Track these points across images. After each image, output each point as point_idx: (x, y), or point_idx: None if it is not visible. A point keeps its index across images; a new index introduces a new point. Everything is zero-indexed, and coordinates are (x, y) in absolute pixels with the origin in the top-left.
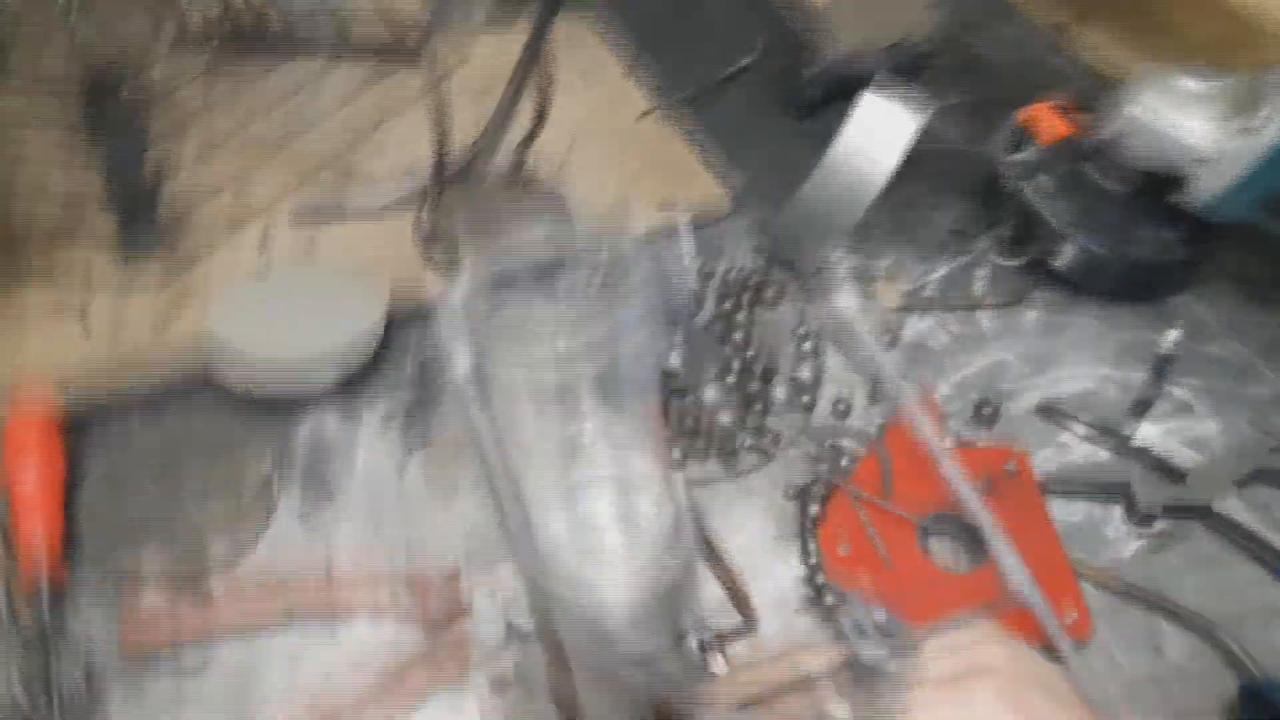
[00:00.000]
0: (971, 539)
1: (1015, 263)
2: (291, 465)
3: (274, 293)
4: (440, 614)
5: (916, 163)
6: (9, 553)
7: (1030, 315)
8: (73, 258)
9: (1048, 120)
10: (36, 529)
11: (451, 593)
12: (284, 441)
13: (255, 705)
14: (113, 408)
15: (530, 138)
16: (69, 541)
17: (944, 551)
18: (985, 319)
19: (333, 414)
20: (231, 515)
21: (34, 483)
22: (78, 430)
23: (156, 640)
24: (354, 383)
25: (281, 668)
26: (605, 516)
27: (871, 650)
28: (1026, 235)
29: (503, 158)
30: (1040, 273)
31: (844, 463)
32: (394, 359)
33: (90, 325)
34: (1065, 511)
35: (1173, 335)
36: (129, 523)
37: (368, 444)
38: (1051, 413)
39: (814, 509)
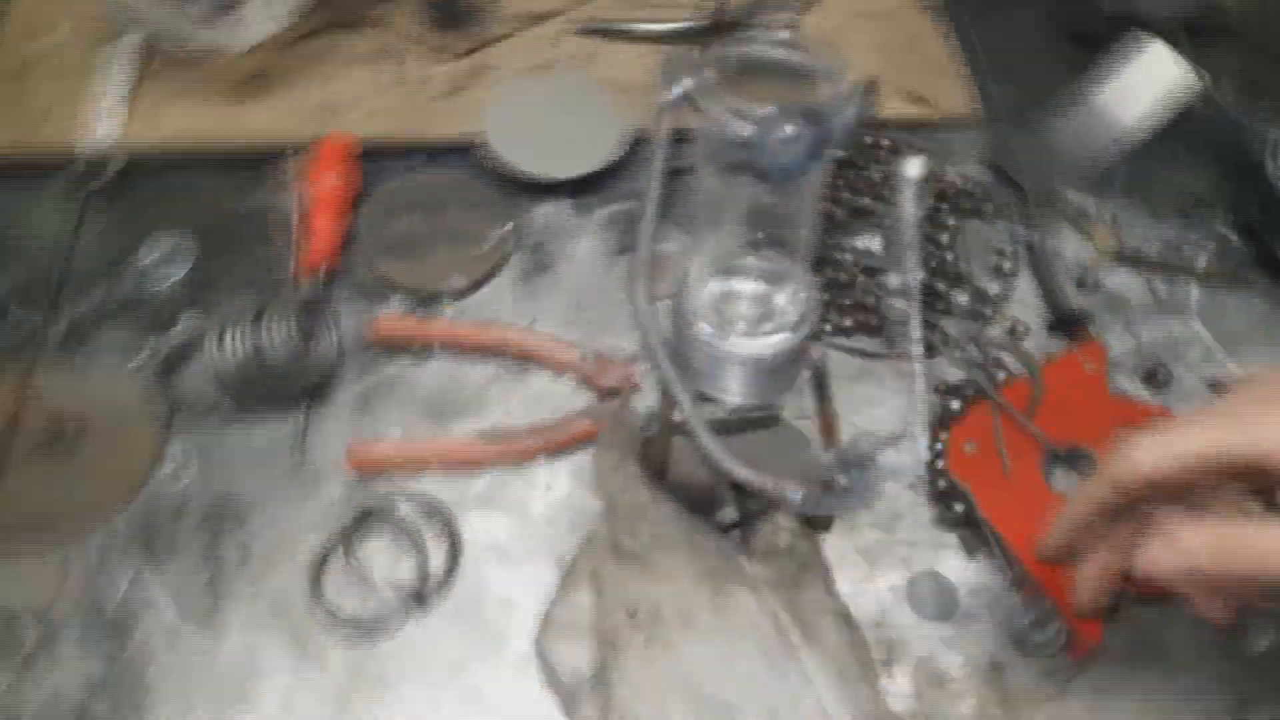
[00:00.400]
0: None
1: (1250, 247)
2: (526, 233)
3: (545, 90)
4: (611, 387)
5: (1180, 121)
6: (303, 235)
7: (1242, 298)
8: (395, 14)
9: None
10: (326, 223)
11: (626, 373)
12: (525, 213)
13: (447, 412)
14: (399, 150)
15: (804, 7)
16: (345, 243)
17: (1065, 480)
18: (1195, 290)
19: (569, 203)
20: (470, 257)
21: (331, 189)
22: (369, 160)
23: (394, 337)
24: (594, 183)
25: (476, 388)
26: (747, 296)
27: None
28: (1271, 223)
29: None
30: (1270, 263)
31: (1000, 376)
32: (631, 173)
33: (403, 75)
34: None
35: None
36: (392, 242)
37: (589, 236)
38: (1222, 389)
39: (955, 404)
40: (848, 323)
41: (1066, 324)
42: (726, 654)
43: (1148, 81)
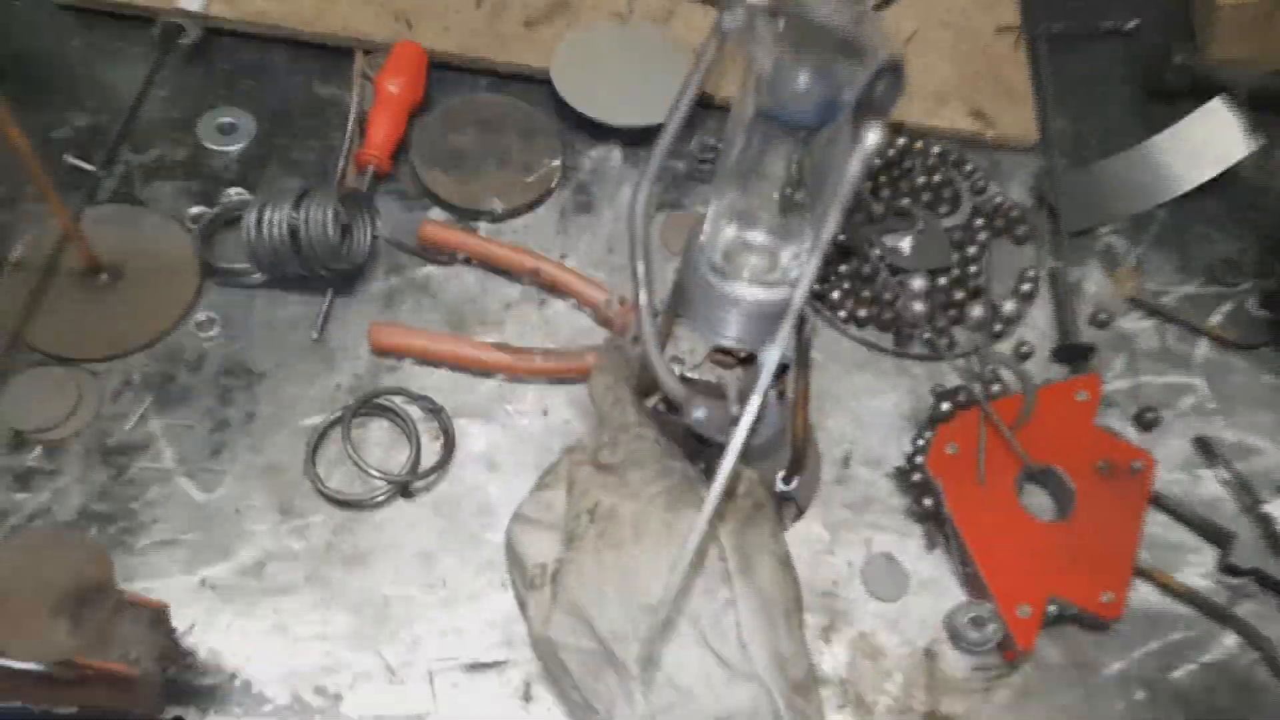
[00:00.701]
0: (1064, 500)
1: (1268, 316)
2: (574, 172)
3: (619, 38)
4: (629, 329)
5: (1228, 183)
6: (359, 133)
7: (1249, 365)
8: None
9: None
10: (384, 125)
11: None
12: (577, 152)
13: (467, 322)
14: (468, 69)
15: (887, 0)
16: (398, 148)
17: (1034, 497)
18: (1203, 347)
19: (621, 151)
20: (516, 184)
21: (397, 91)
22: (436, 73)
23: (437, 241)
24: (649, 136)
25: (497, 305)
26: (757, 247)
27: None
28: None
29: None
30: None
31: (995, 389)
32: (687, 134)
33: (480, 5)
34: (1164, 528)
35: None
36: (443, 155)
37: (633, 186)
38: (1207, 447)
39: (946, 406)
40: (863, 313)
41: (1071, 353)
42: (665, 563)
43: (1205, 137)
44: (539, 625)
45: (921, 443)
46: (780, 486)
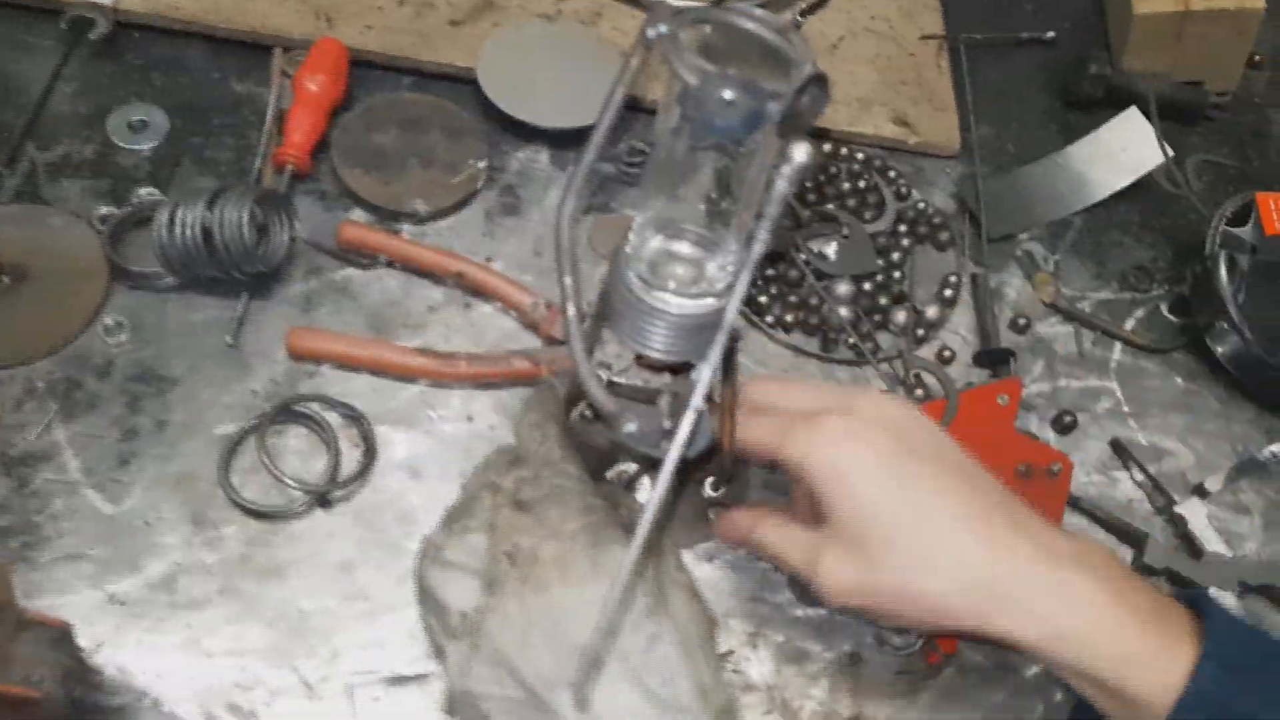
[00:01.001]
0: None
1: (1178, 321)
2: (500, 174)
3: (547, 38)
4: (557, 336)
5: (1142, 190)
6: (277, 131)
7: (1161, 369)
8: None
9: None
10: (303, 124)
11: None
12: (504, 153)
13: (388, 326)
14: (389, 68)
15: (813, 7)
16: (318, 148)
17: None
18: (1118, 352)
19: (548, 153)
20: (440, 184)
21: (317, 89)
22: (358, 71)
23: (355, 242)
24: (577, 139)
25: (420, 308)
26: (683, 257)
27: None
28: (1203, 305)
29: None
30: (1195, 343)
31: (918, 393)
32: (615, 137)
33: (403, 3)
34: (1082, 530)
35: (1276, 449)
36: (365, 155)
37: (560, 188)
38: (1122, 450)
39: None
40: (789, 318)
41: (992, 358)
42: (593, 602)
43: (1120, 146)
44: (457, 678)
45: None
46: (708, 493)
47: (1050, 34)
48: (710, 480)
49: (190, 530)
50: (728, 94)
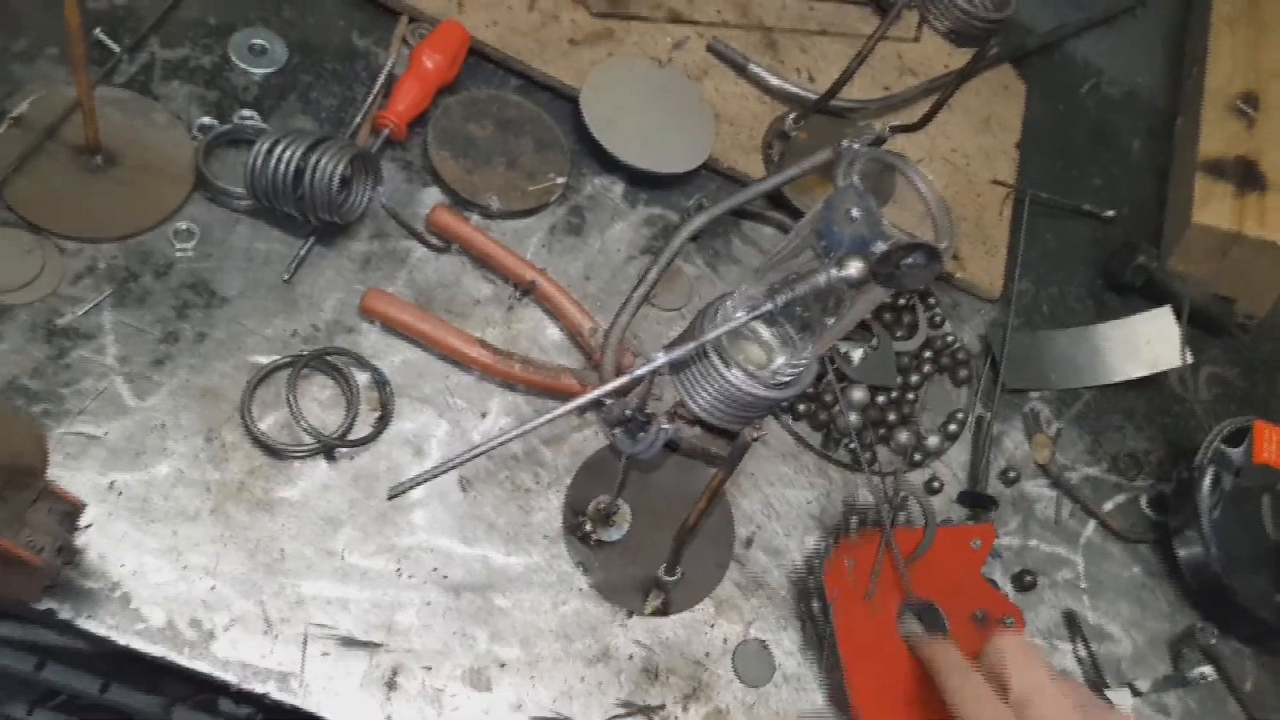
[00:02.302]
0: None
1: (1153, 517)
2: (574, 193)
3: (653, 80)
4: (607, 366)
5: (1153, 385)
6: (385, 93)
7: (1125, 556)
8: None
9: (1276, 445)
10: (411, 93)
11: (627, 357)
12: (583, 175)
13: (435, 305)
14: (502, 65)
15: (907, 127)
16: (416, 120)
17: (910, 627)
18: (1091, 529)
19: (623, 187)
20: (517, 188)
21: (432, 66)
22: (473, 59)
23: (444, 229)
24: (654, 182)
25: (467, 298)
26: (759, 341)
27: None
28: (1179, 509)
29: (869, 119)
30: (1164, 541)
31: (901, 516)
32: (687, 191)
33: (539, 4)
34: None
35: (1206, 670)
36: (456, 140)
37: (626, 224)
38: (1074, 622)
39: (855, 521)
40: (800, 408)
41: (975, 501)
42: None
43: (1145, 340)
44: None
45: (823, 548)
46: (662, 576)
47: (1110, 213)
48: (664, 566)
49: (201, 444)
50: (855, 211)
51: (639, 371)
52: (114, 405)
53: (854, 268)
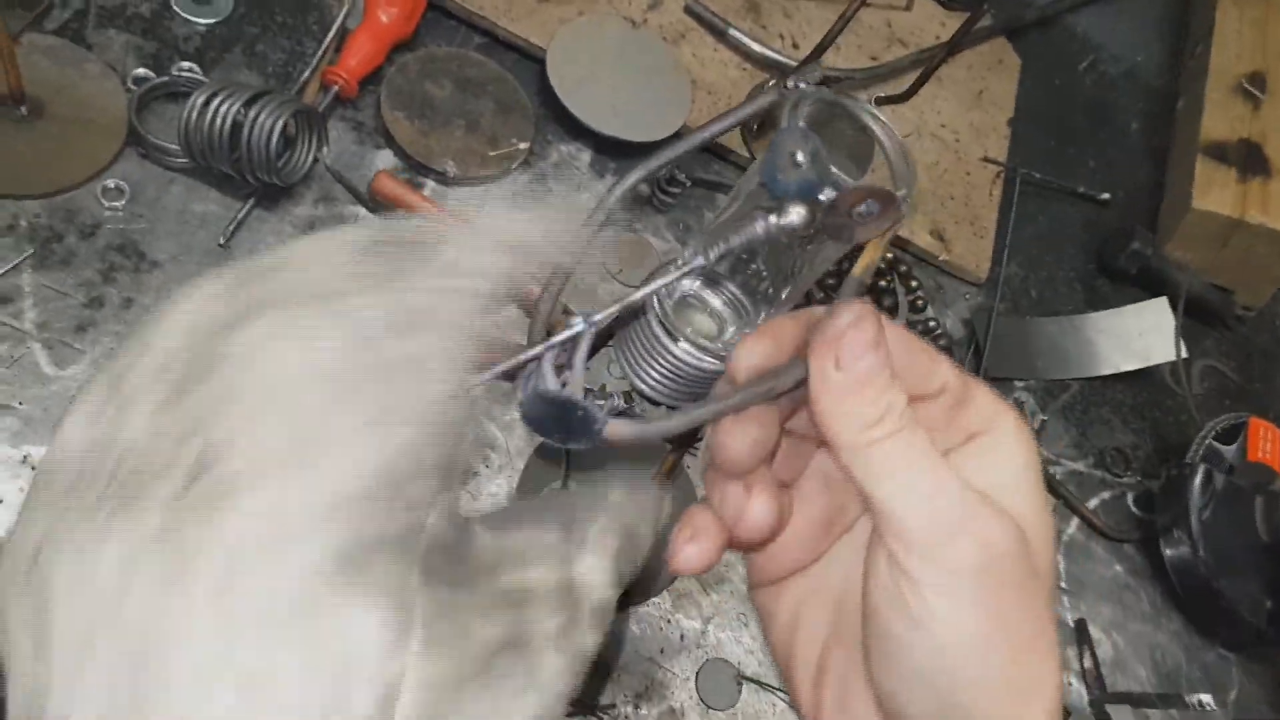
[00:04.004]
0: None
1: (1140, 514)
2: (538, 159)
3: (625, 43)
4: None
5: (1144, 378)
6: (335, 48)
7: (1105, 554)
8: None
9: (1270, 443)
10: (364, 48)
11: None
12: (547, 141)
13: None
14: (464, 21)
15: (894, 98)
16: (369, 77)
17: None
18: (1074, 526)
19: (590, 155)
20: (477, 153)
21: (388, 20)
22: (432, 14)
23: (388, 198)
24: (623, 150)
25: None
26: (708, 310)
27: None
28: (1167, 508)
29: (855, 90)
30: (1148, 541)
31: None
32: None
33: None
34: None
35: (1204, 698)
36: (412, 100)
37: (589, 193)
38: (1084, 631)
39: None
40: None
41: None
42: None
43: (1138, 331)
44: None
45: None
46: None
47: (1105, 195)
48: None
49: None
50: (800, 155)
51: (558, 338)
52: (31, 374)
53: (795, 213)
